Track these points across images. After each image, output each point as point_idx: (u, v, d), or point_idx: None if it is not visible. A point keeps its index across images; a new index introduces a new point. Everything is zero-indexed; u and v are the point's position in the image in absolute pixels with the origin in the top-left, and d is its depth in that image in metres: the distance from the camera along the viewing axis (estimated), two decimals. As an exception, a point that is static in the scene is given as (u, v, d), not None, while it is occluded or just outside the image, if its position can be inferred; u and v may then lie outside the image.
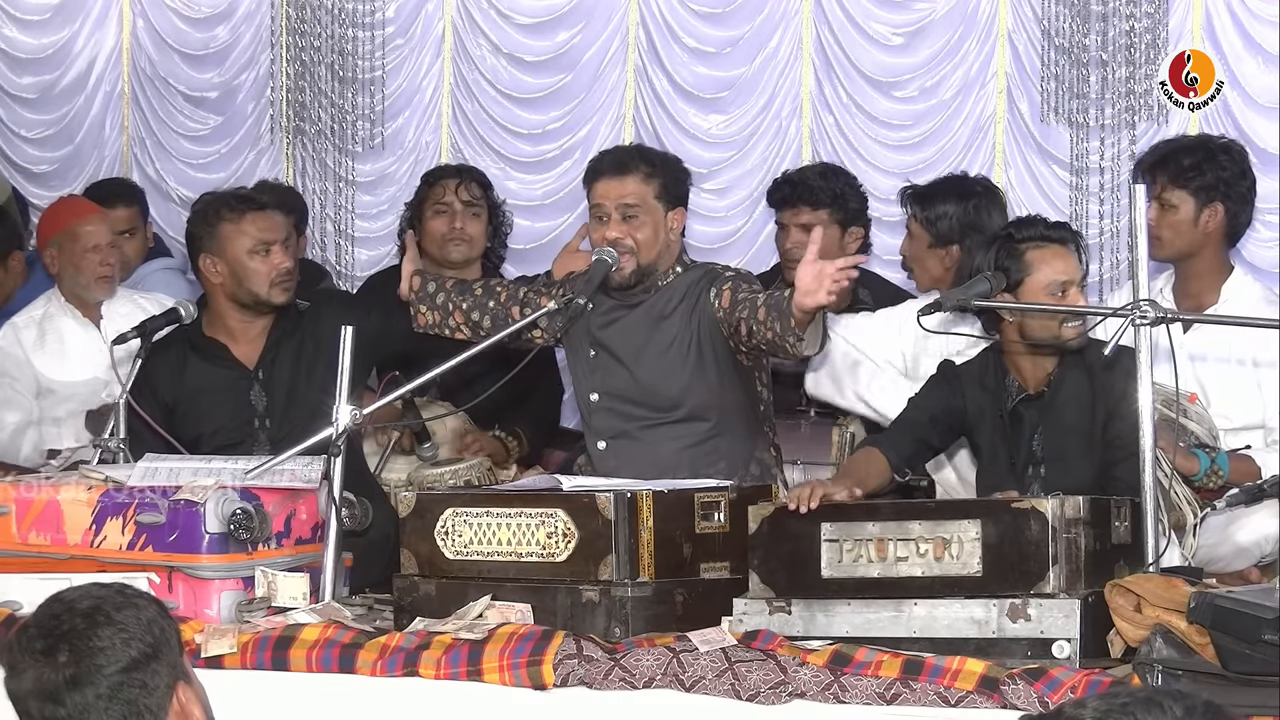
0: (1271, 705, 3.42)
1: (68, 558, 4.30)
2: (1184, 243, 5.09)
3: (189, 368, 5.18)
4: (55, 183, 8.84)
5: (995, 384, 4.54)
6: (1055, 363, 4.51)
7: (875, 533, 3.84)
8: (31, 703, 2.70)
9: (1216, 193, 5.08)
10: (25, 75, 8.97)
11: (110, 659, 2.66)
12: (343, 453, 4.28)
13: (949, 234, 5.44)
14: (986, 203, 5.51)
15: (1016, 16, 7.68)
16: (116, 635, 2.67)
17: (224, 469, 4.38)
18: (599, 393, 4.79)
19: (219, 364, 5.17)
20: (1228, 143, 5.34)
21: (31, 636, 2.71)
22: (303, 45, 8.55)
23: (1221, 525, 4.74)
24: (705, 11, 8.12)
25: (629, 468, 4.66)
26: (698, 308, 4.71)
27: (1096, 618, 3.68)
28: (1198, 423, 4.75)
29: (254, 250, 5.14)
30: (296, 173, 8.57)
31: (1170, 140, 5.67)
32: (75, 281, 6.05)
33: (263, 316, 5.18)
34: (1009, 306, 4.42)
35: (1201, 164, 5.09)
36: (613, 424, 4.78)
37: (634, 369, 4.75)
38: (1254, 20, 7.38)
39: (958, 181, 5.69)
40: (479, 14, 8.33)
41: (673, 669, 3.75)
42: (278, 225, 5.32)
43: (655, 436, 4.73)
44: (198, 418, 5.10)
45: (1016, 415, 4.52)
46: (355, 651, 3.97)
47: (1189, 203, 5.07)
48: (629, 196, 4.72)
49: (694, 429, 4.72)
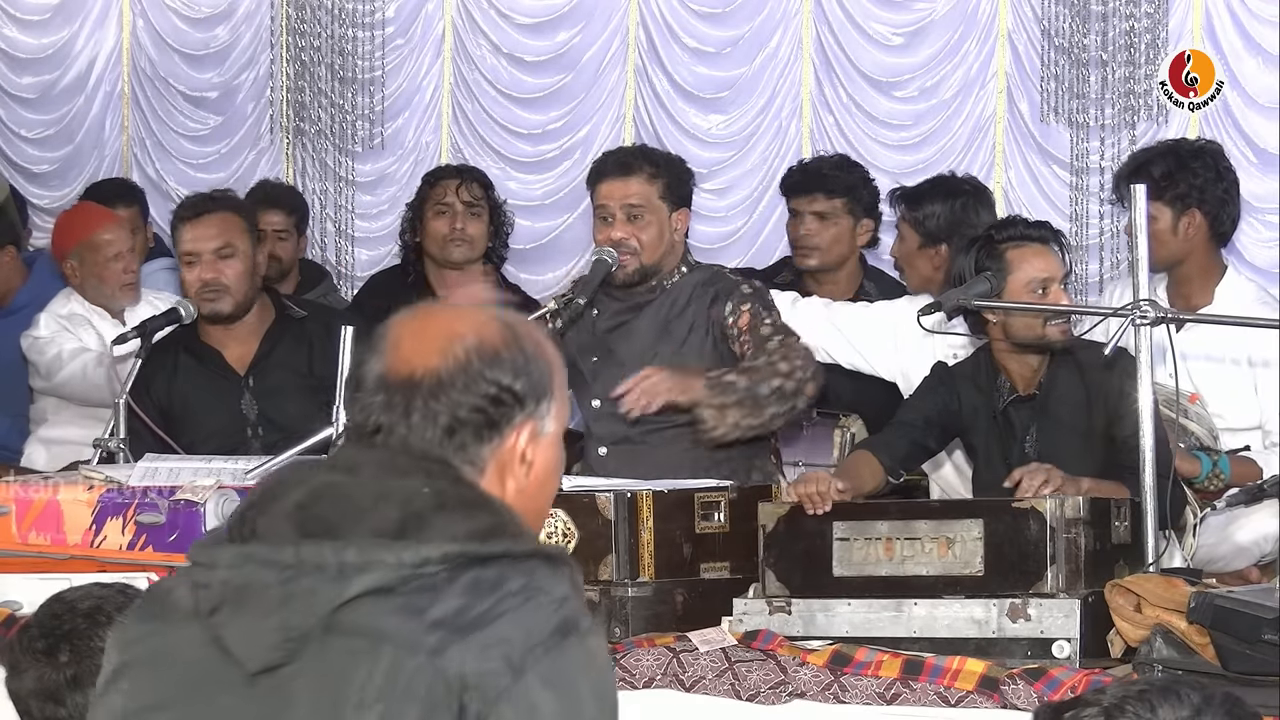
0: (1272, 705, 3.42)
1: (68, 558, 4.30)
2: (1167, 252, 5.07)
3: (182, 372, 5.14)
4: (55, 183, 8.84)
5: (987, 384, 4.54)
6: (1044, 363, 4.50)
7: (885, 531, 3.84)
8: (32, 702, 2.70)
9: (1191, 200, 5.05)
10: (25, 75, 8.96)
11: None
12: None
13: (937, 233, 5.45)
14: (974, 201, 5.52)
15: (1016, 16, 7.68)
16: None
17: (224, 469, 4.37)
18: (601, 399, 4.78)
19: (211, 369, 5.14)
20: (1200, 146, 5.31)
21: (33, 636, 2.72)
22: (303, 45, 8.55)
23: (1221, 525, 4.74)
24: (705, 11, 8.12)
25: (630, 474, 4.64)
26: (710, 314, 4.70)
27: (1096, 618, 3.69)
28: (1198, 423, 4.75)
29: (184, 262, 5.12)
30: (296, 173, 8.57)
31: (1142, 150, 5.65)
32: (99, 292, 6.00)
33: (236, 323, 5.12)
34: (1009, 307, 4.42)
35: (1173, 173, 5.05)
36: (615, 429, 4.76)
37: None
38: (1254, 20, 7.38)
39: (944, 181, 5.71)
40: (479, 14, 8.33)
41: (673, 669, 3.75)
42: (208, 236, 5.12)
43: (658, 441, 4.72)
44: (191, 424, 5.06)
45: (1008, 416, 4.52)
46: (355, 651, 3.97)
47: (1166, 213, 5.05)
48: (633, 197, 4.71)
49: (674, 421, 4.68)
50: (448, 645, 2.05)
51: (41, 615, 2.77)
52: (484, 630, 2.05)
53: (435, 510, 2.11)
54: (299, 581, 2.08)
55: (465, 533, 2.10)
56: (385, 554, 2.06)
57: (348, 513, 2.12)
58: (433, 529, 2.10)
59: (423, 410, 2.18)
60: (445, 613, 2.06)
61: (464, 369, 2.19)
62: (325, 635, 2.06)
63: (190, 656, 2.12)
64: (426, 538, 2.08)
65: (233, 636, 2.09)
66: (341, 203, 8.53)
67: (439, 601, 2.06)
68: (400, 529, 2.09)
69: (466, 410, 2.19)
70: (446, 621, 2.05)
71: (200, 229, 5.09)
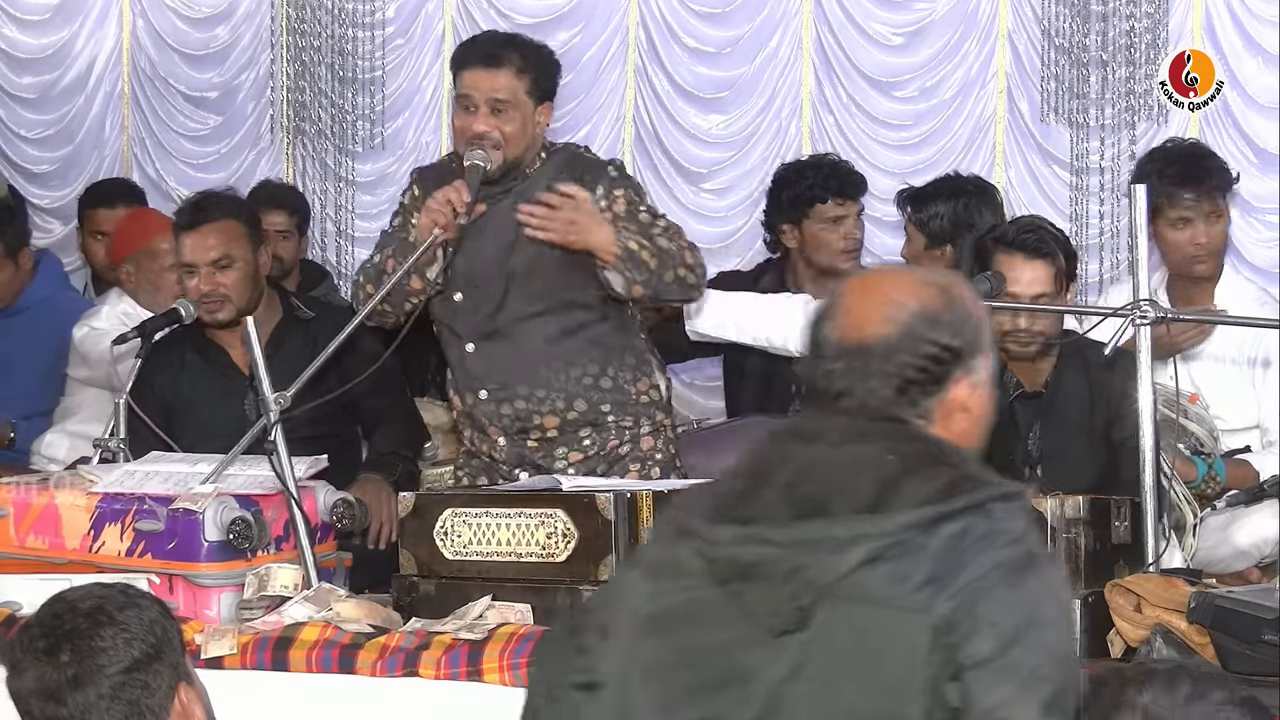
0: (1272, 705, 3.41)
1: (66, 562, 4.29)
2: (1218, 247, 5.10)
3: (188, 369, 5.13)
4: (55, 183, 8.85)
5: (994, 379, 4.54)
6: (1051, 362, 4.50)
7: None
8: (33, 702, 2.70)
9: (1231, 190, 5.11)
10: (25, 75, 8.97)
11: (112, 659, 2.66)
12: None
13: (942, 234, 5.45)
14: (977, 201, 5.52)
15: (1016, 16, 7.68)
16: (119, 635, 2.67)
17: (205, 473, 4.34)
18: (463, 292, 4.70)
19: (217, 368, 5.13)
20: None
21: (34, 635, 2.72)
22: (303, 45, 8.55)
23: (1221, 527, 4.73)
24: (705, 11, 8.12)
25: (499, 369, 4.65)
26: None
27: (1096, 618, 3.68)
28: (1198, 423, 4.74)
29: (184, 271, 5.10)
30: (296, 173, 8.57)
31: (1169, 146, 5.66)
32: (153, 299, 5.98)
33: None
34: (1008, 307, 4.42)
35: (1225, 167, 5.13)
36: (480, 325, 4.69)
37: (508, 259, 4.66)
38: (1254, 20, 7.38)
39: (949, 182, 5.71)
40: (479, 14, 8.33)
41: (673, 669, 3.75)
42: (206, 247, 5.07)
43: (524, 332, 4.67)
44: (194, 422, 5.04)
45: (1013, 412, 4.51)
46: (355, 652, 3.97)
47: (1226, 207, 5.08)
48: (500, 91, 4.60)
49: (564, 321, 4.67)
50: (933, 600, 2.35)
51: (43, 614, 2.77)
52: (958, 577, 2.36)
53: (903, 476, 2.44)
54: (798, 558, 2.41)
55: (930, 494, 2.41)
56: (869, 526, 2.39)
57: (830, 488, 2.45)
58: (903, 496, 2.42)
59: (879, 373, 2.53)
60: (927, 571, 2.36)
61: (909, 333, 2.54)
62: (831, 603, 2.38)
63: (721, 615, 2.46)
64: (900, 505, 2.41)
65: (753, 603, 2.43)
66: (341, 203, 8.54)
67: (920, 562, 2.37)
68: (877, 500, 2.42)
69: (914, 370, 2.55)
70: (929, 579, 2.35)
71: (197, 239, 5.05)
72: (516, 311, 4.67)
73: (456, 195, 4.44)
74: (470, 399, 4.77)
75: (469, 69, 4.65)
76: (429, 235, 4.46)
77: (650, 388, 4.78)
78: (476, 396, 4.74)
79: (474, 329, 4.71)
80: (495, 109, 4.60)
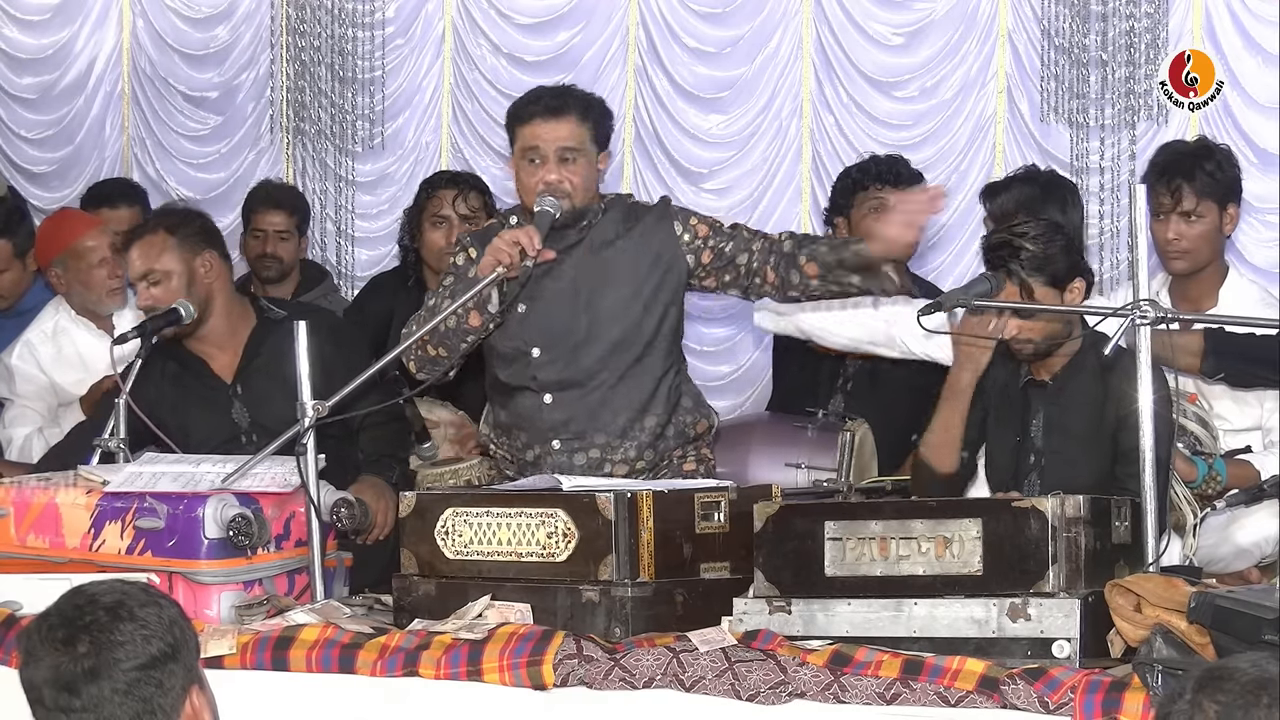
0: (1271, 705, 3.41)
1: (66, 561, 4.29)
2: (1212, 249, 5.08)
3: (169, 380, 5.08)
4: (55, 183, 8.85)
5: (1014, 362, 4.57)
6: (1067, 357, 4.51)
7: (878, 531, 3.84)
8: (46, 691, 2.69)
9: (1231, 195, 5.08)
10: (25, 75, 8.97)
11: (129, 654, 2.65)
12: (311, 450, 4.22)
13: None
14: (1041, 194, 5.46)
15: (1016, 16, 7.68)
16: (138, 631, 2.67)
17: (210, 472, 4.34)
18: (540, 346, 4.72)
19: (199, 379, 5.08)
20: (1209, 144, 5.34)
21: (53, 625, 2.71)
22: (303, 45, 8.55)
23: (1221, 526, 4.74)
24: (705, 11, 8.12)
25: (578, 418, 4.68)
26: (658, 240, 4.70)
27: (1096, 617, 3.68)
28: (1197, 423, 4.74)
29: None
30: (296, 173, 8.57)
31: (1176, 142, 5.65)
32: (86, 299, 5.97)
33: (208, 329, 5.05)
34: (1007, 306, 4.42)
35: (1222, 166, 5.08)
36: (561, 374, 4.71)
37: (587, 309, 4.70)
38: (1254, 20, 7.38)
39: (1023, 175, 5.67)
40: (479, 14, 8.34)
41: (673, 669, 3.75)
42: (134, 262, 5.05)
43: (601, 382, 4.71)
44: (183, 432, 4.98)
45: (1025, 397, 4.53)
46: (355, 652, 3.97)
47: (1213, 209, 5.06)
48: (568, 139, 4.66)
49: (638, 370, 4.72)
50: None
51: (62, 605, 2.75)
52: None
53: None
54: None
55: None
56: None
57: None
58: None
59: None
60: None
61: None
62: None
63: None
64: None
65: None
66: (341, 203, 8.54)
67: None
68: None
69: None
70: None
71: (132, 255, 5.05)
72: (594, 361, 4.71)
73: (528, 238, 4.46)
74: (540, 449, 4.77)
75: (532, 122, 4.69)
76: (490, 273, 4.47)
77: (707, 428, 4.88)
78: (549, 446, 4.76)
79: (552, 380, 4.73)
80: (563, 158, 4.66)
